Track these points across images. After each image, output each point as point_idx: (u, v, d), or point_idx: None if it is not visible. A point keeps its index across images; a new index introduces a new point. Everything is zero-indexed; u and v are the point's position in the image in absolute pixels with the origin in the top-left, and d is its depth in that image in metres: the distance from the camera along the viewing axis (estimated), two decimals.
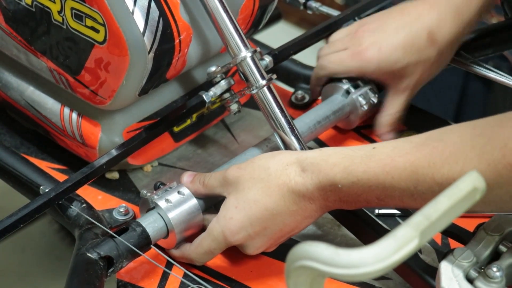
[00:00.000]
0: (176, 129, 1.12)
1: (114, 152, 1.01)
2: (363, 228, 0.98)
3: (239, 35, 1.01)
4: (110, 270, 0.91)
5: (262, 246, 0.95)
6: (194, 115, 1.12)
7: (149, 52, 0.97)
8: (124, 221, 1.01)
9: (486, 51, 1.20)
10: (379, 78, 1.13)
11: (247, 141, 1.17)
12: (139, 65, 0.98)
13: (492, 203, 0.83)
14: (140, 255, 0.93)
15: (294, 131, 1.01)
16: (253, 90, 1.02)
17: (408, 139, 0.86)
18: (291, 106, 1.24)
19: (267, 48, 1.22)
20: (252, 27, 1.13)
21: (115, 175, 1.12)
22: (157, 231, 0.94)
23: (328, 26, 1.20)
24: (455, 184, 0.64)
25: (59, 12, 0.99)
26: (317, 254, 0.60)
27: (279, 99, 1.02)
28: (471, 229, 0.91)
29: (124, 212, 1.02)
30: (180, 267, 0.95)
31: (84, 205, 0.99)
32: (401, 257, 0.60)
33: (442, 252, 0.95)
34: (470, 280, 0.84)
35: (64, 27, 0.99)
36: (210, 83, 1.05)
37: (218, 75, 1.04)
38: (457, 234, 0.99)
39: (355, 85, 1.14)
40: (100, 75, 1.00)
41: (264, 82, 1.02)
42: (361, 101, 1.13)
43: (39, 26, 1.02)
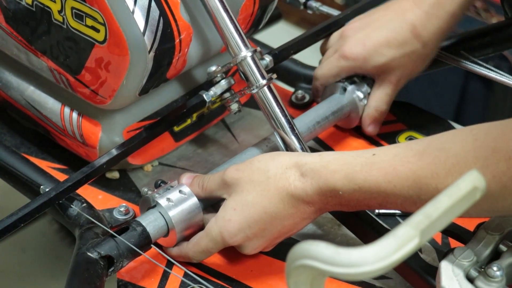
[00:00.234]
0: (177, 129, 1.12)
1: (115, 152, 1.01)
2: (364, 228, 0.98)
3: (239, 35, 1.01)
4: (111, 270, 0.91)
5: (260, 247, 0.95)
6: (195, 115, 1.12)
7: (150, 52, 0.97)
8: (125, 221, 1.01)
9: (486, 51, 1.20)
10: (368, 73, 1.15)
11: (247, 141, 1.17)
12: (140, 65, 0.98)
13: (496, 213, 0.84)
14: (141, 255, 0.93)
15: (294, 131, 1.01)
16: (253, 90, 1.02)
17: (408, 146, 0.86)
18: (291, 106, 1.24)
19: (267, 48, 1.22)
20: (252, 27, 1.14)
21: (116, 175, 1.12)
22: (158, 230, 0.94)
23: (328, 26, 1.20)
24: (456, 184, 0.64)
25: (60, 12, 0.99)
26: (318, 253, 0.60)
27: (279, 99, 1.02)
28: (471, 229, 0.91)
29: (125, 212, 1.02)
30: (181, 267, 0.95)
31: (85, 205, 0.99)
32: (402, 256, 0.60)
33: (443, 252, 0.95)
34: (471, 280, 0.84)
35: (65, 27, 0.99)
36: (211, 83, 1.05)
37: (219, 75, 1.04)
38: (457, 234, 0.99)
39: (351, 81, 1.15)
40: (101, 75, 1.00)
41: (264, 82, 1.02)
42: (359, 95, 1.14)
43: (40, 26, 1.02)
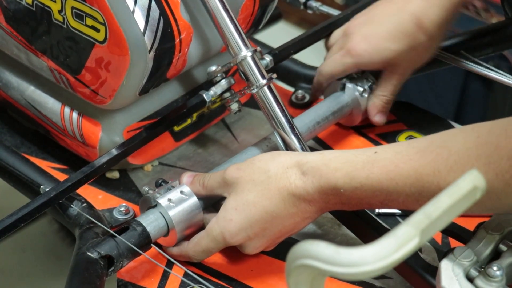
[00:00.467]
0: (177, 129, 1.12)
1: (115, 152, 1.01)
2: (364, 227, 0.98)
3: (240, 35, 1.01)
4: (111, 270, 0.91)
5: (261, 246, 0.95)
6: (195, 115, 1.12)
7: (150, 52, 0.97)
8: (125, 221, 1.01)
9: (486, 51, 1.20)
10: (374, 69, 1.15)
11: (248, 141, 1.17)
12: (140, 65, 0.98)
13: (499, 210, 0.84)
14: (141, 254, 0.93)
15: (295, 131, 1.02)
16: (254, 90, 1.02)
17: (410, 144, 0.86)
18: (291, 106, 1.24)
19: (267, 48, 1.22)
20: (253, 27, 1.14)
21: (116, 175, 1.12)
22: (158, 230, 0.94)
23: (328, 26, 1.21)
24: (456, 183, 0.64)
25: (60, 12, 0.99)
26: (318, 253, 0.60)
27: (280, 99, 1.02)
28: (471, 228, 0.91)
29: (125, 212, 1.02)
30: (181, 266, 0.95)
31: (85, 205, 0.99)
32: (402, 256, 0.60)
33: (443, 251, 0.95)
34: (471, 279, 0.84)
35: (65, 27, 0.99)
36: (211, 83, 1.06)
37: (219, 75, 1.04)
38: (458, 233, 0.99)
39: (350, 78, 1.15)
40: (101, 75, 1.00)
41: (265, 82, 1.02)
42: (360, 90, 1.14)
43: (40, 26, 1.02)
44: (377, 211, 1.05)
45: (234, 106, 1.06)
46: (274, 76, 1.04)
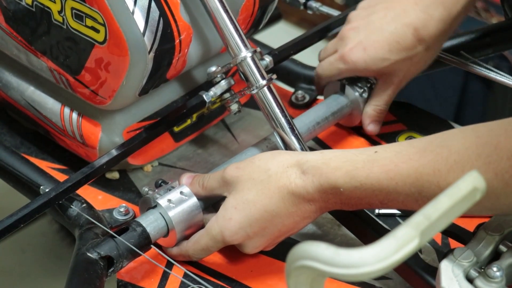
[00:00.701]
0: (176, 129, 1.12)
1: (114, 152, 1.01)
2: (363, 228, 0.98)
3: (239, 35, 1.01)
4: (110, 270, 0.91)
5: (260, 246, 0.95)
6: (194, 115, 1.12)
7: (149, 52, 0.97)
8: (125, 221, 1.01)
9: (486, 51, 1.20)
10: (369, 76, 1.14)
11: (247, 141, 1.17)
12: (140, 65, 0.98)
13: (499, 211, 0.84)
14: (141, 255, 0.93)
15: (294, 131, 1.01)
16: (253, 90, 1.02)
17: (410, 144, 0.86)
18: (291, 106, 1.24)
19: (267, 48, 1.22)
20: (252, 27, 1.14)
21: (115, 175, 1.12)
22: (158, 230, 0.94)
23: (328, 26, 1.20)
24: (455, 184, 0.64)
25: (59, 12, 0.99)
26: (318, 254, 0.60)
27: (279, 99, 1.02)
28: (471, 229, 0.91)
29: (124, 212, 1.02)
30: (180, 267, 0.95)
31: (84, 205, 0.99)
32: (402, 257, 0.60)
33: (442, 252, 0.95)
34: (470, 280, 0.84)
35: (64, 27, 0.99)
36: (210, 83, 1.05)
37: (218, 75, 1.04)
38: (457, 234, 0.99)
39: (351, 79, 1.15)
40: (101, 75, 1.00)
41: (264, 82, 1.02)
42: (358, 90, 1.14)
43: (40, 26, 1.02)
44: (377, 212, 1.05)
45: (234, 107, 1.06)
46: (274, 77, 1.04)
